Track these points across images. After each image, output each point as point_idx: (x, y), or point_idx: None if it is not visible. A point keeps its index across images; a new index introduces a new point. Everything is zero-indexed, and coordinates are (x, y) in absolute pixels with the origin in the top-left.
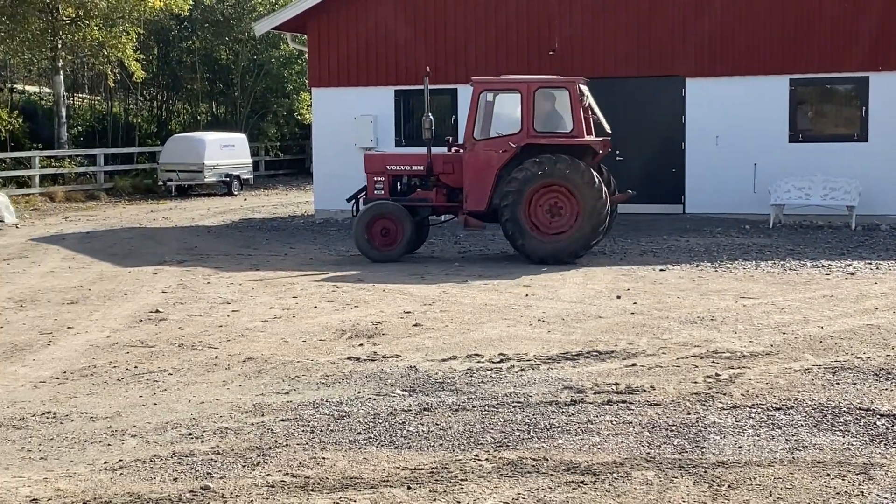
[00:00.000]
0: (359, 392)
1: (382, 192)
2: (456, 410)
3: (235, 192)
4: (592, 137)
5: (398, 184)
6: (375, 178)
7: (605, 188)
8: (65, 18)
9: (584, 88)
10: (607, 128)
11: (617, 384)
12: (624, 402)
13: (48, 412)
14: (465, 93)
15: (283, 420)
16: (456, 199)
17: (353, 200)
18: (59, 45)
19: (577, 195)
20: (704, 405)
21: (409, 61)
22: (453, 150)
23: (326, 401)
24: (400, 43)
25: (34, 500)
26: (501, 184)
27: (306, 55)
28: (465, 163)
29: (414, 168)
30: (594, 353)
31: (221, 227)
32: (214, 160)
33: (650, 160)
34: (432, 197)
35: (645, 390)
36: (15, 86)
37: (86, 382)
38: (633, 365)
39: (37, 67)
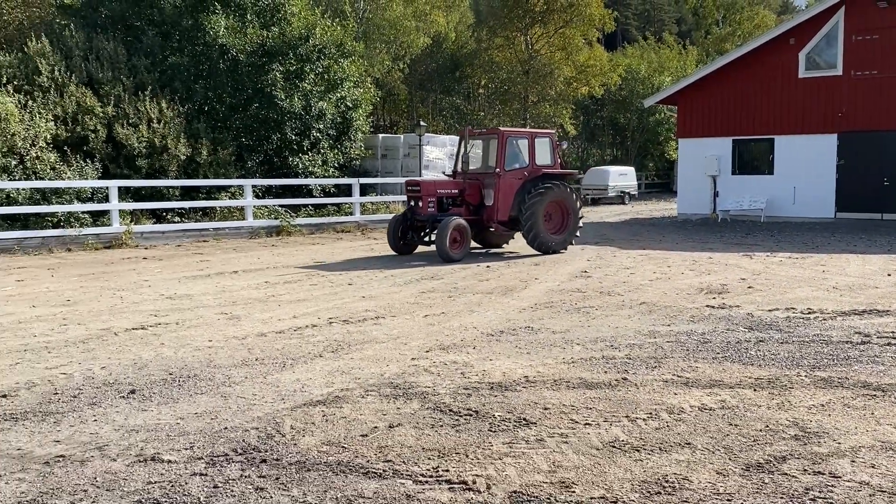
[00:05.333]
0: (714, 327)
1: (433, 209)
2: (781, 343)
3: (626, 202)
4: (569, 169)
5: (441, 202)
6: (429, 199)
7: None
8: (530, 101)
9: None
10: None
11: (893, 332)
12: None
13: (528, 326)
14: (780, 142)
15: (668, 342)
16: (476, 214)
17: (402, 216)
18: (527, 118)
19: (570, 208)
20: None
21: (741, 121)
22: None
23: (694, 332)
24: (736, 110)
25: (525, 376)
26: (516, 200)
27: (673, 118)
28: (498, 187)
29: (451, 191)
30: (875, 311)
31: (619, 223)
32: (615, 182)
33: None
34: (462, 212)
35: None
36: None
37: (547, 311)
38: None
39: None
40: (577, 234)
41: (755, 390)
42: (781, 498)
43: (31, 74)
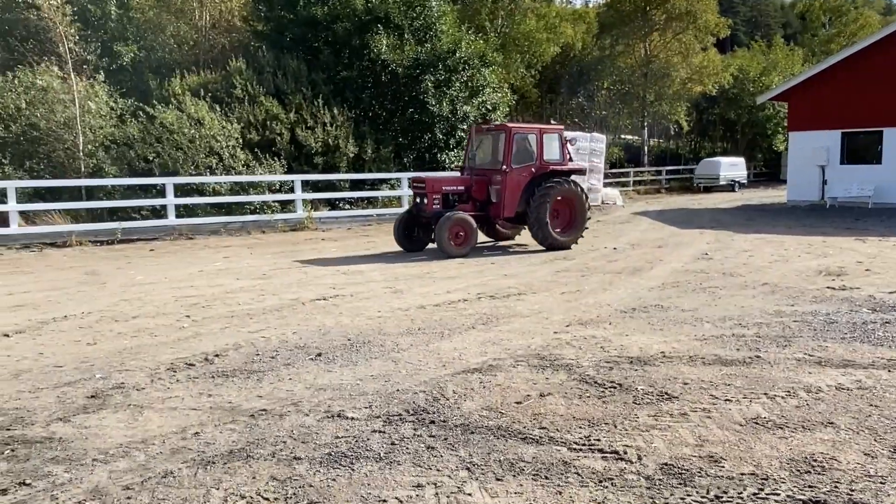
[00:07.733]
0: (838, 308)
1: (438, 206)
2: None
3: (736, 190)
4: (577, 165)
5: (447, 199)
6: (434, 196)
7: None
8: (649, 100)
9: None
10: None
11: None
12: None
13: (658, 304)
14: (889, 134)
15: (794, 321)
16: (483, 210)
17: (408, 213)
18: (645, 114)
19: (577, 205)
20: None
21: (851, 114)
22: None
23: (819, 312)
24: (844, 104)
25: (662, 352)
26: (523, 197)
27: (781, 113)
28: (505, 183)
29: (458, 188)
30: None
31: (731, 209)
32: (725, 172)
33: None
34: (469, 208)
35: None
36: (620, 136)
37: (675, 290)
38: None
39: (631, 125)
40: (585, 231)
41: (889, 371)
42: None
43: (230, 88)
